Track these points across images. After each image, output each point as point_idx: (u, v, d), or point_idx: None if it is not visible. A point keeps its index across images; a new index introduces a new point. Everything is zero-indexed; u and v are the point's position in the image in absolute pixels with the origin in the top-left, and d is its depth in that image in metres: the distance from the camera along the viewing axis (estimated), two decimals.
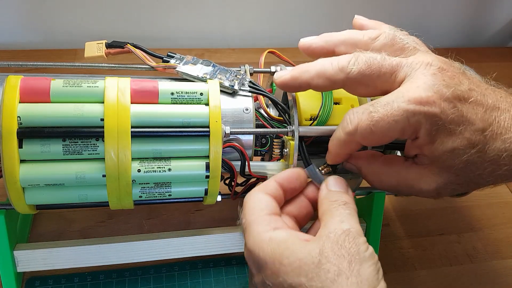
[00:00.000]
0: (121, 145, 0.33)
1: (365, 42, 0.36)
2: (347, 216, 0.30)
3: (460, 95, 0.31)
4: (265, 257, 0.29)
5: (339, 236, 0.28)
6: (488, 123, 0.32)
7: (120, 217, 0.48)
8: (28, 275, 0.42)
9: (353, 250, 0.28)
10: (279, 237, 0.29)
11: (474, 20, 0.82)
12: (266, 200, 0.32)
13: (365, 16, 0.42)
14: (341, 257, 0.27)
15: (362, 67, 0.32)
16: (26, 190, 0.34)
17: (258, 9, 0.72)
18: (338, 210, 0.31)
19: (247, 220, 0.31)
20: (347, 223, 0.29)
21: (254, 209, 0.31)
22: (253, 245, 0.30)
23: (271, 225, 0.30)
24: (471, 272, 0.48)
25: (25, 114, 0.32)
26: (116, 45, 0.39)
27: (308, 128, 0.38)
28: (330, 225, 0.29)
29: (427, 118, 0.30)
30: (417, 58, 0.33)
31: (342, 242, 0.28)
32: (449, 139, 0.31)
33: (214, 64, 0.40)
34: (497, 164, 0.32)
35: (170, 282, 0.44)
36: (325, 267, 0.27)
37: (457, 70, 0.33)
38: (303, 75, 0.34)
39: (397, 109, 0.31)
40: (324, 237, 0.29)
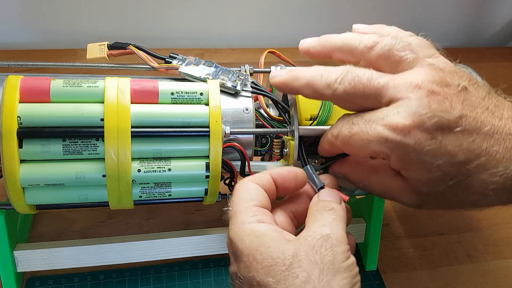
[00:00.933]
0: (121, 145, 0.33)
1: (361, 51, 0.34)
2: (330, 221, 0.29)
3: (444, 125, 0.29)
4: (243, 249, 0.28)
5: (316, 241, 0.27)
6: (475, 155, 0.29)
7: (120, 217, 0.48)
8: (28, 275, 0.42)
9: (328, 258, 0.26)
10: (259, 231, 0.28)
11: (474, 20, 0.82)
12: (257, 190, 0.31)
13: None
14: (313, 264, 0.26)
15: (347, 86, 0.31)
16: (26, 190, 0.34)
17: (258, 9, 0.72)
18: (323, 214, 0.30)
19: (233, 209, 0.30)
20: (328, 227, 0.28)
21: (243, 199, 0.31)
22: (234, 234, 0.29)
23: (256, 217, 0.29)
24: (471, 272, 0.48)
25: (25, 114, 0.32)
26: (118, 46, 0.39)
27: (308, 128, 0.38)
28: (311, 228, 0.28)
29: (399, 147, 0.29)
30: (406, 79, 0.31)
31: (318, 247, 0.27)
32: (423, 169, 0.30)
33: (216, 64, 0.40)
34: (483, 194, 0.30)
35: (170, 282, 0.44)
36: (294, 272, 0.26)
37: (453, 91, 0.30)
38: (294, 82, 0.34)
39: (372, 130, 0.30)
40: (301, 239, 0.28)
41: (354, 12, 0.75)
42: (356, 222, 0.46)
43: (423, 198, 0.32)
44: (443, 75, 0.31)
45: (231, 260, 0.30)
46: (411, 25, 0.85)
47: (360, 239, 0.46)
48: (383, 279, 0.46)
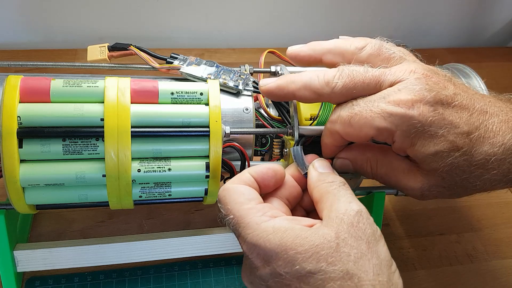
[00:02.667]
0: (121, 145, 0.33)
1: (352, 52, 0.36)
2: (353, 197, 0.30)
3: (443, 99, 0.31)
4: (274, 247, 0.27)
5: (353, 218, 0.28)
6: (475, 127, 0.31)
7: (120, 217, 0.48)
8: (28, 275, 0.42)
9: (369, 231, 0.28)
10: (283, 226, 0.28)
11: (474, 20, 0.82)
12: (247, 190, 0.31)
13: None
14: (359, 239, 0.27)
15: (345, 80, 0.32)
16: (26, 190, 0.34)
17: (258, 9, 0.72)
18: (341, 191, 0.30)
19: (236, 215, 0.30)
20: (355, 203, 0.29)
21: (240, 202, 0.30)
22: (256, 238, 0.28)
23: (267, 214, 0.29)
24: (471, 272, 0.48)
25: (25, 114, 0.32)
26: (119, 48, 0.39)
27: (308, 127, 0.38)
28: (340, 207, 0.29)
29: (403, 120, 0.30)
30: (400, 67, 0.33)
31: (356, 223, 0.28)
32: (430, 142, 0.31)
33: (217, 64, 0.40)
34: (485, 168, 0.32)
35: (170, 282, 0.44)
36: (345, 250, 0.27)
37: (443, 77, 0.33)
38: (289, 86, 0.34)
39: (375, 106, 0.31)
40: (336, 219, 0.28)
41: (354, 12, 0.76)
42: None
43: (429, 182, 0.33)
44: (431, 67, 0.34)
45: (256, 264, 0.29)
46: (412, 25, 0.86)
47: None
48: None
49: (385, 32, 0.82)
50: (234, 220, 0.30)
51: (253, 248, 0.28)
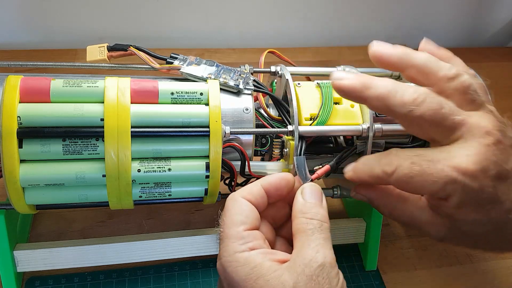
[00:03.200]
0: (121, 145, 0.33)
1: (439, 79, 0.33)
2: (322, 244, 0.30)
3: (502, 174, 0.31)
4: (238, 280, 0.29)
5: (314, 271, 0.28)
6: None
7: (120, 217, 0.48)
8: (28, 275, 0.42)
9: (326, 286, 0.28)
10: (254, 261, 0.29)
11: (474, 20, 0.82)
12: (247, 211, 0.31)
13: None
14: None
15: (426, 111, 0.31)
16: (26, 190, 0.34)
17: (258, 9, 0.72)
18: (315, 234, 0.30)
19: (225, 232, 0.31)
20: (322, 253, 0.29)
21: (233, 222, 0.31)
22: (227, 263, 0.29)
23: (248, 244, 0.30)
24: (471, 272, 0.48)
25: (25, 114, 0.32)
26: (118, 48, 0.39)
27: (308, 127, 0.38)
28: (306, 255, 0.29)
29: (464, 190, 0.30)
30: (479, 122, 0.31)
31: (316, 277, 0.28)
32: (474, 211, 0.31)
33: (217, 64, 0.40)
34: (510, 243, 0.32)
35: (170, 282, 0.44)
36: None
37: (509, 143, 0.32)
38: (365, 91, 0.32)
39: (439, 171, 0.30)
40: (298, 268, 0.28)
41: (355, 12, 0.76)
42: (356, 222, 0.46)
43: (453, 235, 0.33)
44: (503, 126, 0.32)
45: (222, 284, 0.30)
46: (412, 25, 0.86)
47: (360, 239, 0.46)
48: (383, 279, 0.46)
49: (385, 32, 0.82)
50: (221, 235, 0.31)
51: (222, 270, 0.30)
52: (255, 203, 0.32)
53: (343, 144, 0.43)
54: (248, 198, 0.32)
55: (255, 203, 0.32)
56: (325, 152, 0.42)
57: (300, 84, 0.40)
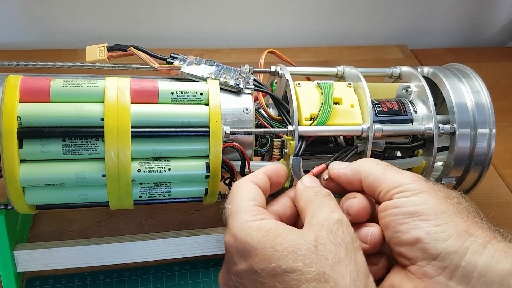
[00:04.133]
0: (121, 145, 0.33)
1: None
2: (336, 206, 0.30)
3: None
4: (254, 243, 0.28)
5: (332, 225, 0.28)
6: None
7: (120, 217, 0.48)
8: (28, 275, 0.42)
9: (348, 239, 0.28)
10: (268, 226, 0.29)
11: (474, 20, 0.82)
12: (256, 190, 0.32)
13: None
14: (337, 246, 0.27)
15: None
16: (26, 190, 0.34)
17: (258, 9, 0.72)
18: (325, 200, 0.31)
19: (234, 207, 0.31)
20: (337, 213, 0.30)
21: (243, 198, 0.31)
22: (239, 231, 0.29)
23: (259, 215, 0.30)
24: None
25: (25, 114, 0.32)
26: (118, 48, 0.39)
27: (308, 128, 0.38)
28: (321, 214, 0.29)
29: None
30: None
31: (336, 231, 0.28)
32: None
33: (217, 63, 0.40)
34: None
35: (170, 282, 0.44)
36: (323, 254, 0.27)
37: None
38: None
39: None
40: (317, 225, 0.29)
41: (355, 13, 0.76)
42: None
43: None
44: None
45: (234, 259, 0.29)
46: (412, 25, 0.85)
47: None
48: None
49: (385, 32, 0.82)
50: (230, 210, 0.31)
51: (234, 240, 0.29)
52: (261, 186, 0.33)
53: (343, 144, 0.43)
54: (254, 181, 0.33)
55: (261, 186, 0.33)
56: (325, 152, 0.42)
57: (300, 84, 0.40)
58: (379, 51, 0.78)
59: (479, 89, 0.42)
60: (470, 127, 0.41)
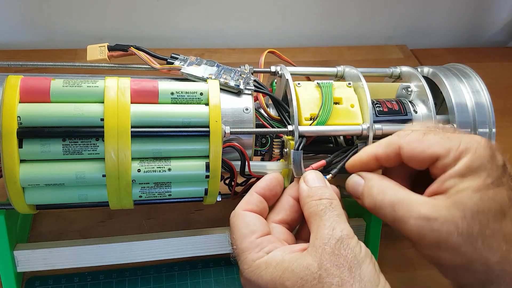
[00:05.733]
0: (121, 145, 0.33)
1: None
2: (337, 221, 0.30)
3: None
4: (265, 283, 0.29)
5: (334, 246, 0.29)
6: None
7: (120, 217, 0.48)
8: (28, 275, 0.42)
9: (350, 256, 0.28)
10: (275, 259, 0.30)
11: (474, 20, 0.82)
12: (253, 220, 0.32)
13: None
14: (340, 267, 0.28)
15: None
16: (26, 190, 0.34)
17: (258, 9, 0.72)
18: (326, 214, 0.31)
19: (238, 247, 0.31)
20: (338, 229, 0.30)
21: (243, 235, 0.32)
22: (250, 274, 0.30)
23: (264, 249, 0.31)
24: None
25: (25, 114, 0.32)
26: (119, 48, 0.39)
27: (308, 127, 0.38)
28: (323, 234, 0.30)
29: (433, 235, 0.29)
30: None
31: (338, 251, 0.29)
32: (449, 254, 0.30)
33: (218, 64, 0.40)
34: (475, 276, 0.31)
35: (170, 282, 0.44)
36: (327, 281, 0.28)
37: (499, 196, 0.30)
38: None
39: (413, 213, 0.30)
40: (319, 249, 0.29)
41: (355, 13, 0.76)
42: (356, 222, 0.46)
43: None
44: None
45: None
46: (412, 25, 0.85)
47: (360, 239, 0.46)
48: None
49: (385, 32, 0.82)
50: (236, 251, 0.32)
51: (248, 283, 0.30)
52: (257, 210, 0.33)
53: (343, 144, 0.43)
54: (249, 209, 0.33)
55: (257, 210, 0.33)
56: (325, 152, 0.42)
57: (300, 84, 0.40)
58: (379, 51, 0.78)
59: (479, 89, 0.42)
60: (470, 127, 0.41)
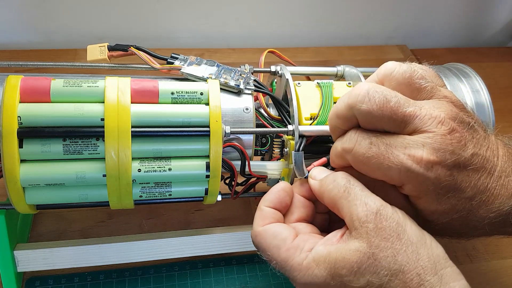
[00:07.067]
0: (122, 145, 0.33)
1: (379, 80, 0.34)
2: (363, 195, 0.30)
3: (461, 162, 0.30)
4: (322, 280, 0.29)
5: (375, 221, 0.29)
6: (479, 191, 0.31)
7: (120, 217, 0.48)
8: (28, 275, 0.42)
9: (394, 224, 0.29)
10: (322, 254, 0.29)
11: (474, 20, 0.82)
12: (278, 229, 0.32)
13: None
14: (389, 238, 0.28)
15: (373, 106, 0.30)
16: (26, 190, 0.34)
17: (258, 9, 0.72)
18: (351, 193, 0.30)
19: (278, 260, 0.31)
20: (370, 202, 0.30)
21: (277, 246, 0.31)
22: (304, 278, 0.30)
23: (304, 249, 0.30)
24: (471, 272, 0.48)
25: (26, 114, 0.32)
26: (119, 48, 0.39)
27: (308, 127, 0.38)
28: (360, 214, 0.29)
29: (419, 179, 0.30)
30: (430, 112, 0.31)
31: (380, 224, 0.29)
32: (434, 201, 0.31)
33: (218, 64, 0.40)
34: (475, 228, 0.32)
35: (170, 282, 0.44)
36: (381, 255, 0.28)
37: (465, 129, 0.31)
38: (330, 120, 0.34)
39: (395, 157, 0.30)
40: (362, 229, 0.29)
41: (355, 12, 0.76)
42: None
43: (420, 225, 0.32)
44: (458, 112, 0.31)
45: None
46: (412, 25, 0.85)
47: None
48: None
49: (385, 32, 0.82)
50: (278, 265, 0.31)
51: (306, 287, 0.30)
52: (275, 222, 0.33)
53: None
54: (267, 223, 0.33)
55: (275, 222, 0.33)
56: (325, 152, 0.42)
57: (300, 84, 0.40)
58: (379, 51, 0.78)
59: (479, 89, 0.42)
60: None
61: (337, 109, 0.33)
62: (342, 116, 0.32)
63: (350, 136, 0.32)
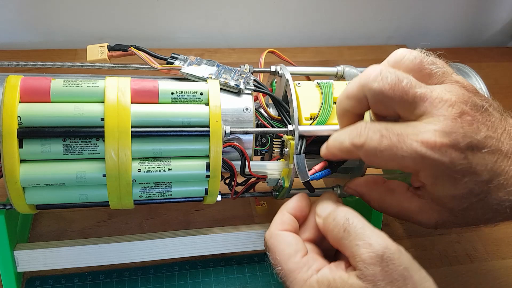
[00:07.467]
0: (121, 145, 0.33)
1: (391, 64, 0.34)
2: (365, 235, 0.30)
3: (474, 145, 0.30)
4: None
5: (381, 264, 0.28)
6: (496, 174, 0.30)
7: (120, 217, 0.48)
8: (28, 275, 0.42)
9: (401, 268, 0.28)
10: (327, 278, 0.29)
11: (474, 20, 0.82)
12: (294, 240, 0.32)
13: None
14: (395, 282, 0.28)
15: (385, 86, 0.31)
16: (26, 190, 0.34)
17: (258, 9, 0.72)
18: (351, 234, 0.30)
19: (284, 268, 0.31)
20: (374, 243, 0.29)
21: (288, 255, 0.31)
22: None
23: (311, 268, 0.30)
24: (471, 272, 0.48)
25: (25, 114, 0.32)
26: (119, 48, 0.39)
27: (308, 127, 0.38)
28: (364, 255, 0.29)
29: (434, 164, 0.30)
30: (441, 95, 0.31)
31: (386, 267, 0.28)
32: (451, 185, 0.31)
33: (218, 64, 0.40)
34: (498, 212, 0.32)
35: (170, 282, 0.44)
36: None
37: (478, 111, 0.31)
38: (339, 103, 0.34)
39: (408, 145, 0.30)
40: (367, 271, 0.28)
41: (355, 12, 0.76)
42: None
43: (443, 218, 0.33)
44: (470, 95, 0.31)
45: None
46: (412, 25, 0.85)
47: None
48: None
49: (385, 32, 0.82)
50: (282, 272, 0.31)
51: None
52: (292, 230, 0.33)
53: None
54: (285, 228, 0.33)
55: (292, 230, 0.33)
56: None
57: (300, 84, 0.40)
58: (379, 51, 0.78)
59: (479, 89, 0.42)
60: None
61: (348, 89, 0.33)
62: (353, 96, 0.32)
63: (359, 130, 0.32)
